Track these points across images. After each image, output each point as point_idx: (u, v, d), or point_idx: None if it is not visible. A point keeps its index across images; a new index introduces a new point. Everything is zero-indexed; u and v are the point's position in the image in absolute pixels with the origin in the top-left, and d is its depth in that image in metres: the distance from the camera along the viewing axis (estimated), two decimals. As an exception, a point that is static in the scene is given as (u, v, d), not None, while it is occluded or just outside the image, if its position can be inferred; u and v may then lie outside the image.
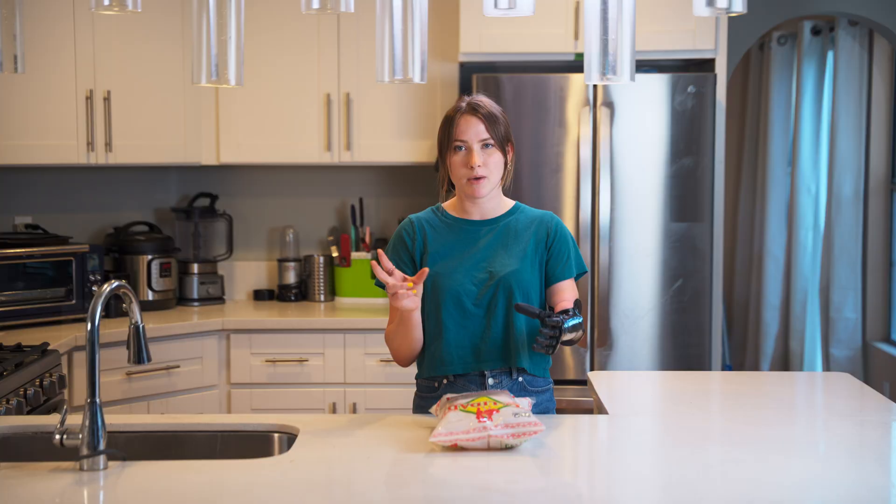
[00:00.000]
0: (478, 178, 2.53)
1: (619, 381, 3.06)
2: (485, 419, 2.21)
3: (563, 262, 2.61)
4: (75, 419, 2.28)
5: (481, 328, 2.56)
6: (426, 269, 2.43)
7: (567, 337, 2.39)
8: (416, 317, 2.54)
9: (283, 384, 4.11)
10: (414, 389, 2.72)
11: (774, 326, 6.27)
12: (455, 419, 2.23)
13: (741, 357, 6.48)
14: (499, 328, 2.56)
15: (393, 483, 2.08)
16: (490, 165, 2.54)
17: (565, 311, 2.40)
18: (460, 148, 2.54)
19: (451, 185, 2.65)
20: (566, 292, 2.60)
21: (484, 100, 2.58)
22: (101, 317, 2.97)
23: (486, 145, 2.53)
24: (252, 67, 4.21)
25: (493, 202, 2.63)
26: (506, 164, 2.59)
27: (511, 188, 2.71)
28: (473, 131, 2.52)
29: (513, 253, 2.58)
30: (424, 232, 2.63)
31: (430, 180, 4.58)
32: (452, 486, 2.04)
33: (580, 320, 2.43)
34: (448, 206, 2.67)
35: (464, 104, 2.56)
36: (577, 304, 2.48)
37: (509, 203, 2.66)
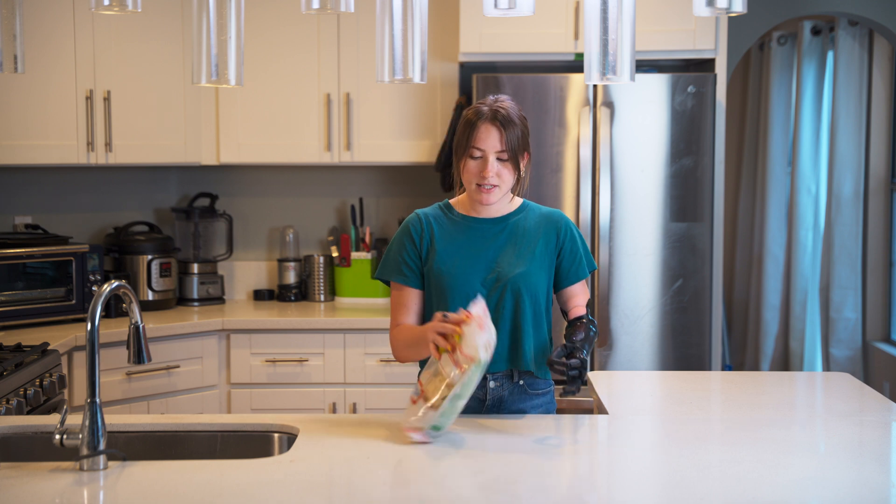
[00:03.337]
0: (489, 189, 2.53)
1: (619, 381, 3.06)
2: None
3: (575, 263, 2.62)
4: (75, 419, 2.28)
5: None
6: None
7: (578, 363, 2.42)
8: None
9: (282, 384, 4.11)
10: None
11: (774, 326, 6.26)
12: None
13: (741, 357, 6.48)
14: (506, 330, 2.55)
15: (393, 483, 2.08)
16: (503, 176, 2.53)
17: (573, 345, 2.44)
18: (477, 156, 2.53)
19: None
20: (579, 297, 2.64)
21: (506, 105, 2.54)
22: (101, 317, 2.99)
23: (501, 157, 2.53)
24: (252, 67, 4.21)
25: (501, 203, 2.62)
26: (520, 173, 2.58)
27: (528, 192, 2.70)
28: (491, 142, 2.50)
29: (521, 254, 2.58)
30: (432, 228, 2.62)
31: (430, 180, 4.58)
32: (453, 486, 2.04)
33: (586, 354, 2.46)
34: (456, 203, 2.66)
35: (486, 108, 2.53)
36: (587, 326, 2.53)
37: (518, 201, 2.65)
